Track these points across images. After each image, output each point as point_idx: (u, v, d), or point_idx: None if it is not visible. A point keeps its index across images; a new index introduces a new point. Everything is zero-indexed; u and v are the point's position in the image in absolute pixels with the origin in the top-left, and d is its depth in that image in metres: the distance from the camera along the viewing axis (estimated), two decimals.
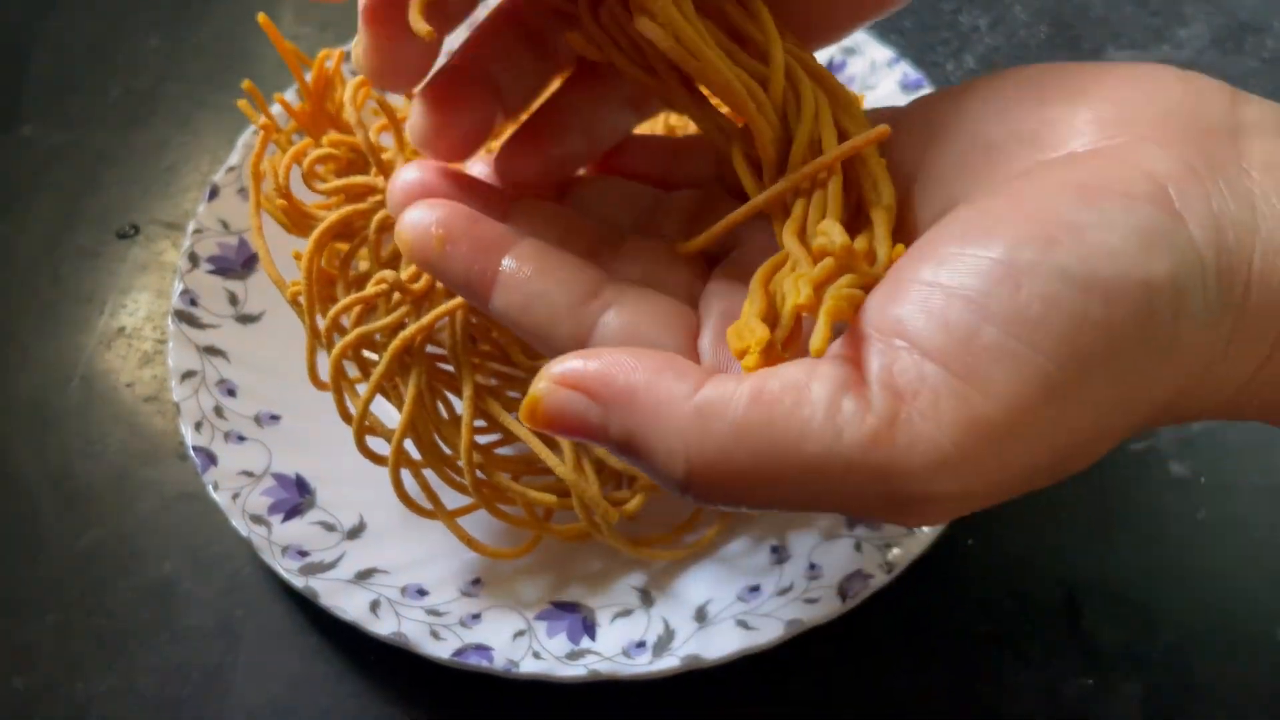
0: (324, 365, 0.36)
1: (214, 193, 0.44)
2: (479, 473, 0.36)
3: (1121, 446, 0.41)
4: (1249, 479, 0.40)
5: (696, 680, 0.36)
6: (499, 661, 0.35)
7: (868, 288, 0.23)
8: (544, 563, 0.39)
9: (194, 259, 0.43)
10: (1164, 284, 0.20)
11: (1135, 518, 0.40)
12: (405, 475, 0.36)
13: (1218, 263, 0.21)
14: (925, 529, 0.37)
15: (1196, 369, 0.21)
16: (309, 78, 0.37)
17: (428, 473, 0.37)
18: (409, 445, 0.36)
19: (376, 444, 0.37)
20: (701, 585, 0.38)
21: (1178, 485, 0.40)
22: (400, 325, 0.34)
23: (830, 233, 0.22)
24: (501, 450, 0.38)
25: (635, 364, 0.23)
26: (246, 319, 0.43)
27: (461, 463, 0.35)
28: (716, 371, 0.23)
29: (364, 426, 0.36)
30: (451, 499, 0.37)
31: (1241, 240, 0.21)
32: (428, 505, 0.37)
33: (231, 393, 0.41)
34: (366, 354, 0.36)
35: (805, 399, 0.21)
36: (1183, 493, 0.40)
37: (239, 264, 0.44)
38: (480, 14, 0.29)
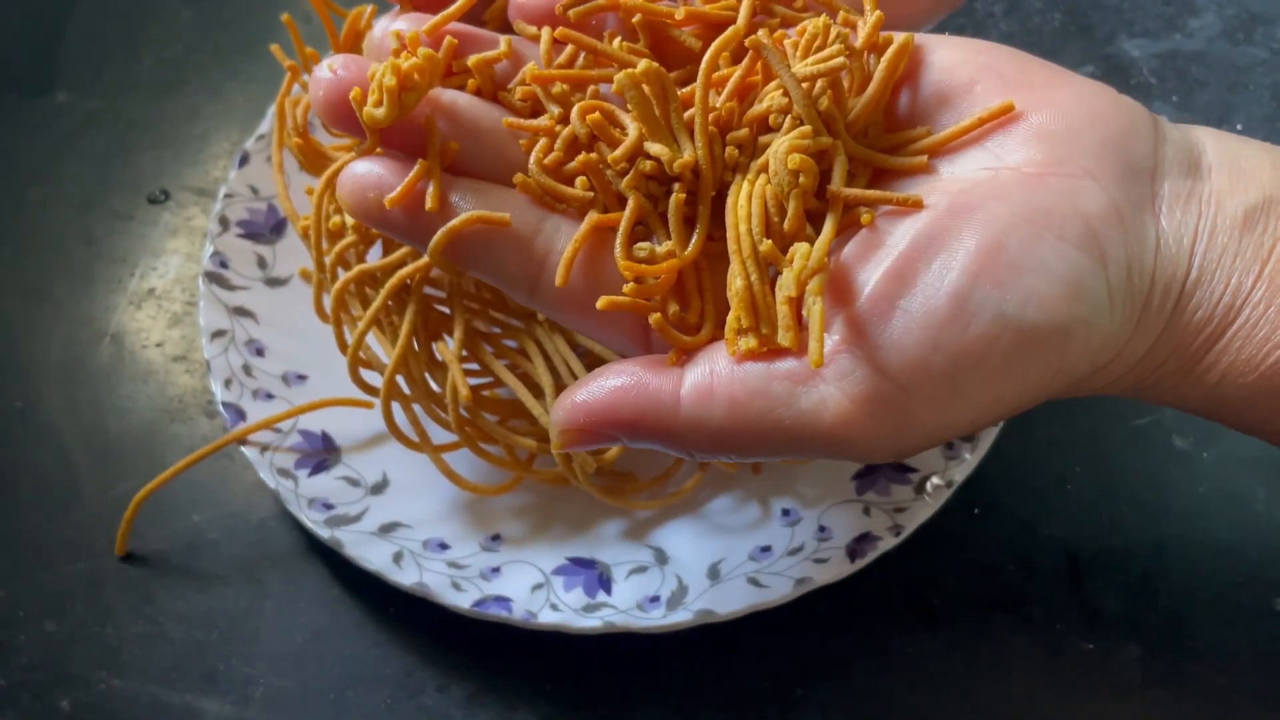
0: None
1: (245, 159, 0.45)
2: (463, 412, 0.37)
3: (1125, 421, 0.42)
4: (1249, 454, 0.41)
5: (706, 637, 0.37)
6: (518, 612, 0.37)
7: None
8: (562, 521, 0.40)
9: (224, 223, 0.44)
10: (1080, 326, 0.26)
11: (1138, 489, 0.41)
12: (396, 409, 0.38)
13: (1125, 303, 0.26)
14: (929, 497, 0.38)
15: (1088, 370, 0.27)
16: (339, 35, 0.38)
17: (417, 409, 0.38)
18: (401, 382, 0.37)
19: (372, 378, 0.38)
20: (714, 545, 0.39)
21: (1180, 458, 0.41)
22: (401, 264, 0.36)
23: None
24: (499, 392, 0.39)
25: (621, 390, 0.27)
26: (275, 282, 0.44)
27: (448, 400, 0.37)
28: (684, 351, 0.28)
29: (358, 358, 0.37)
30: (441, 437, 0.38)
31: (1144, 277, 0.26)
32: (415, 438, 0.38)
33: (260, 352, 0.43)
34: (370, 292, 0.37)
35: (781, 400, 0.26)
36: (1184, 466, 0.41)
37: (268, 229, 0.45)
38: None
